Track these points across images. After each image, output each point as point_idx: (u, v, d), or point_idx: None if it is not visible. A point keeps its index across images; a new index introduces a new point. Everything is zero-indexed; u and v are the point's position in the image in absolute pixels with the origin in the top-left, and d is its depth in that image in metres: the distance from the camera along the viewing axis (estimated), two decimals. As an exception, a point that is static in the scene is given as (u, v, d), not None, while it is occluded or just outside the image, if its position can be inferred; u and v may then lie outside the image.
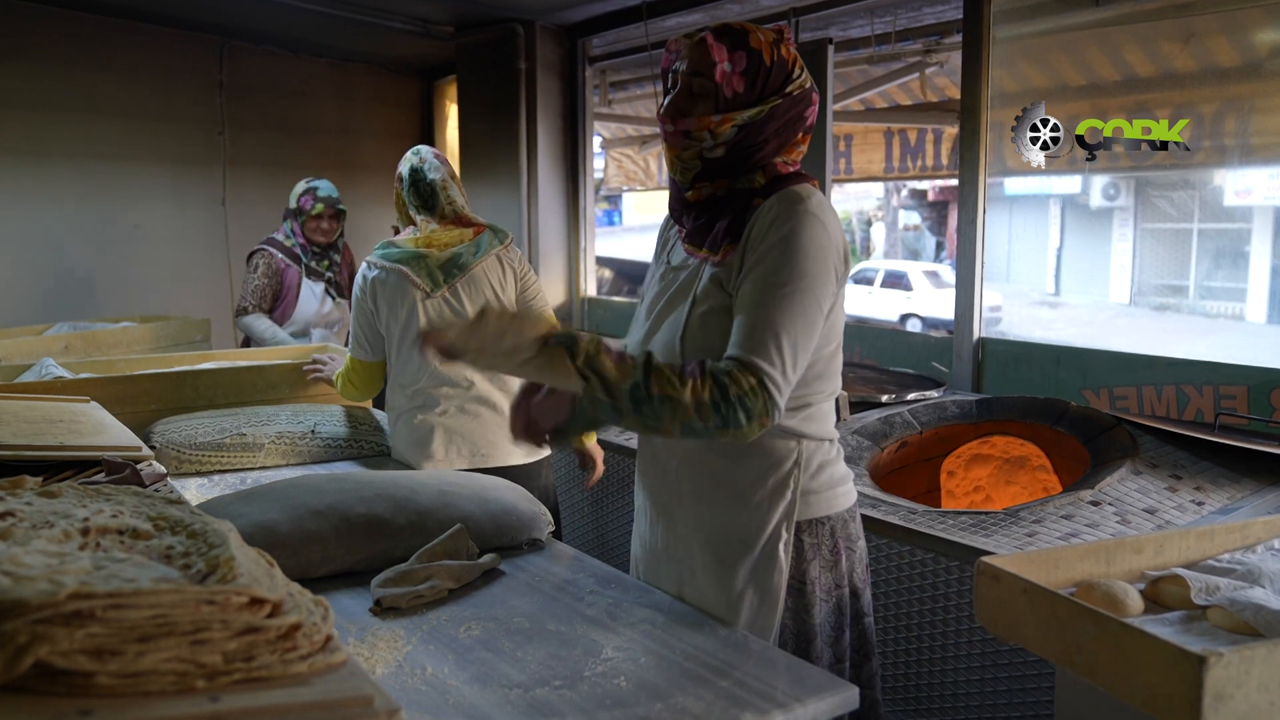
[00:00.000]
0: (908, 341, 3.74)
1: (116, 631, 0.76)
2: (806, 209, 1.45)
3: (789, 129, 1.53)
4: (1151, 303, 13.76)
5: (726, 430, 1.34)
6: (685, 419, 1.33)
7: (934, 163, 8.51)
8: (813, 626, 1.54)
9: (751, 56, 1.49)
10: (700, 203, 1.55)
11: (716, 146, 1.50)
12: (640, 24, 4.36)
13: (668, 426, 1.34)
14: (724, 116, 1.49)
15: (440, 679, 1.29)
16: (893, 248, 19.11)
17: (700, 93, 1.50)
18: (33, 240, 4.70)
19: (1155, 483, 2.15)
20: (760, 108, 1.50)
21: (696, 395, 1.32)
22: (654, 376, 1.33)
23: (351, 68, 5.70)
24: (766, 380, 1.35)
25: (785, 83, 1.52)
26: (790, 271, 1.41)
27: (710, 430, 1.34)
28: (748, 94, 1.50)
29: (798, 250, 1.42)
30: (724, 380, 1.34)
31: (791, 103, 1.52)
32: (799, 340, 1.39)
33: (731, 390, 1.33)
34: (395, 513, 1.73)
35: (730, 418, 1.33)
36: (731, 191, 1.52)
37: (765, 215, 1.46)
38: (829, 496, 1.56)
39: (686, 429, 1.34)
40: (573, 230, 5.02)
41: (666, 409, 1.32)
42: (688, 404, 1.32)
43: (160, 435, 2.43)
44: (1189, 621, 1.24)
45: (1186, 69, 3.01)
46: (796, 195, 1.47)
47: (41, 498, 1.07)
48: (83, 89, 4.78)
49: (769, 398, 1.35)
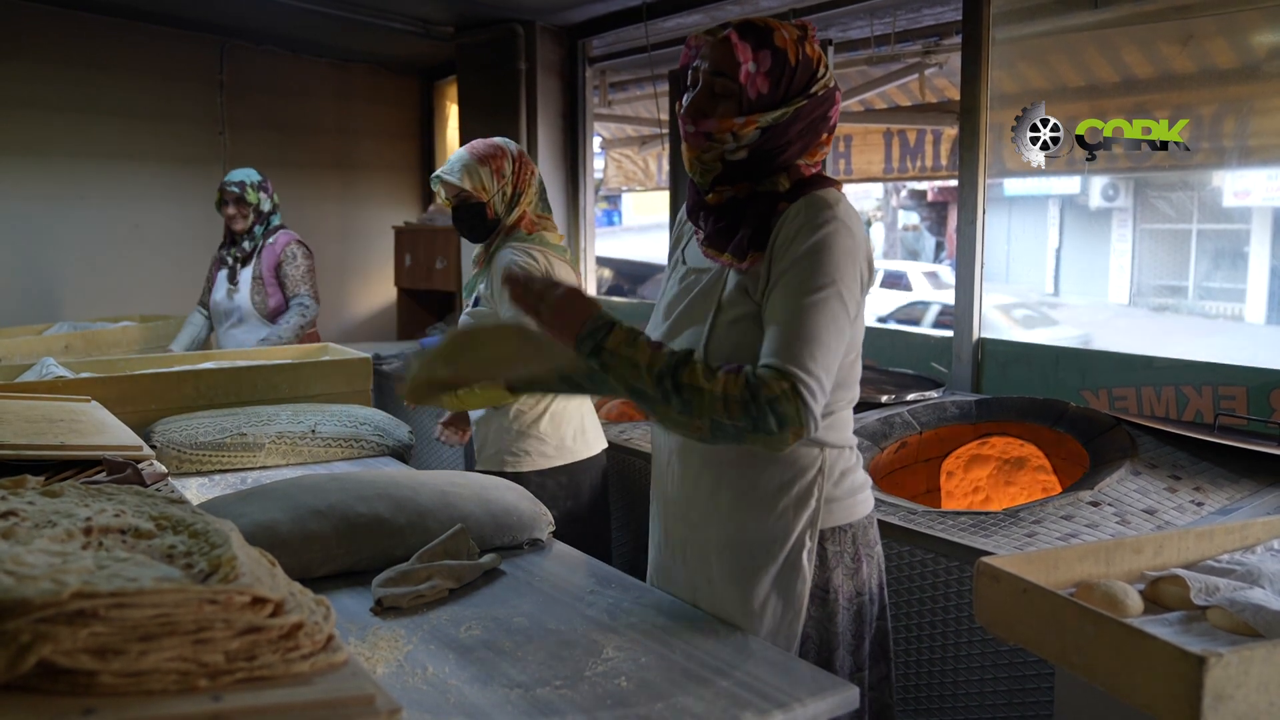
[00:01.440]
0: (906, 342, 3.74)
1: (119, 631, 0.76)
2: (835, 215, 1.42)
3: (813, 130, 1.49)
4: (1150, 303, 13.76)
5: (758, 435, 1.31)
6: (713, 414, 1.30)
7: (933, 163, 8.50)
8: (835, 635, 1.51)
9: (776, 56, 1.44)
10: (719, 205, 1.51)
11: (739, 149, 1.46)
12: (640, 25, 4.36)
13: (698, 422, 1.32)
14: (748, 119, 1.44)
15: (441, 678, 1.30)
16: (892, 248, 19.10)
17: (723, 93, 1.46)
18: (33, 240, 4.70)
19: (1154, 483, 2.15)
20: (785, 109, 1.45)
21: (725, 390, 1.30)
22: (685, 367, 1.32)
23: (351, 68, 5.70)
24: (801, 387, 1.31)
25: (810, 82, 1.47)
26: (821, 279, 1.37)
27: (740, 432, 1.31)
28: (772, 95, 1.45)
29: (828, 258, 1.38)
30: (755, 382, 1.31)
31: (816, 103, 1.47)
32: (832, 348, 1.36)
33: (762, 393, 1.29)
34: (396, 512, 1.74)
35: (760, 421, 1.29)
36: (754, 195, 1.48)
37: (792, 221, 1.42)
38: (850, 504, 1.54)
39: (716, 428, 1.31)
40: (573, 230, 5.02)
41: (694, 400, 1.30)
42: (717, 397, 1.30)
43: (161, 435, 2.44)
44: (1188, 622, 1.25)
45: (1185, 70, 3.02)
46: (824, 201, 1.43)
47: (44, 497, 1.07)
48: (83, 89, 4.78)
49: (802, 404, 1.30)
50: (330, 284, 5.31)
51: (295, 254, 3.82)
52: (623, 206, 20.01)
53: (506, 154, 2.58)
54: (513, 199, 2.58)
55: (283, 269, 3.79)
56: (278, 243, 3.82)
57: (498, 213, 2.58)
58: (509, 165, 2.57)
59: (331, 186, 5.70)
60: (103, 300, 4.64)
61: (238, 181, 3.79)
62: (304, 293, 3.81)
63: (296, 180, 5.38)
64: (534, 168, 2.63)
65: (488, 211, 2.57)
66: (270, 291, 3.79)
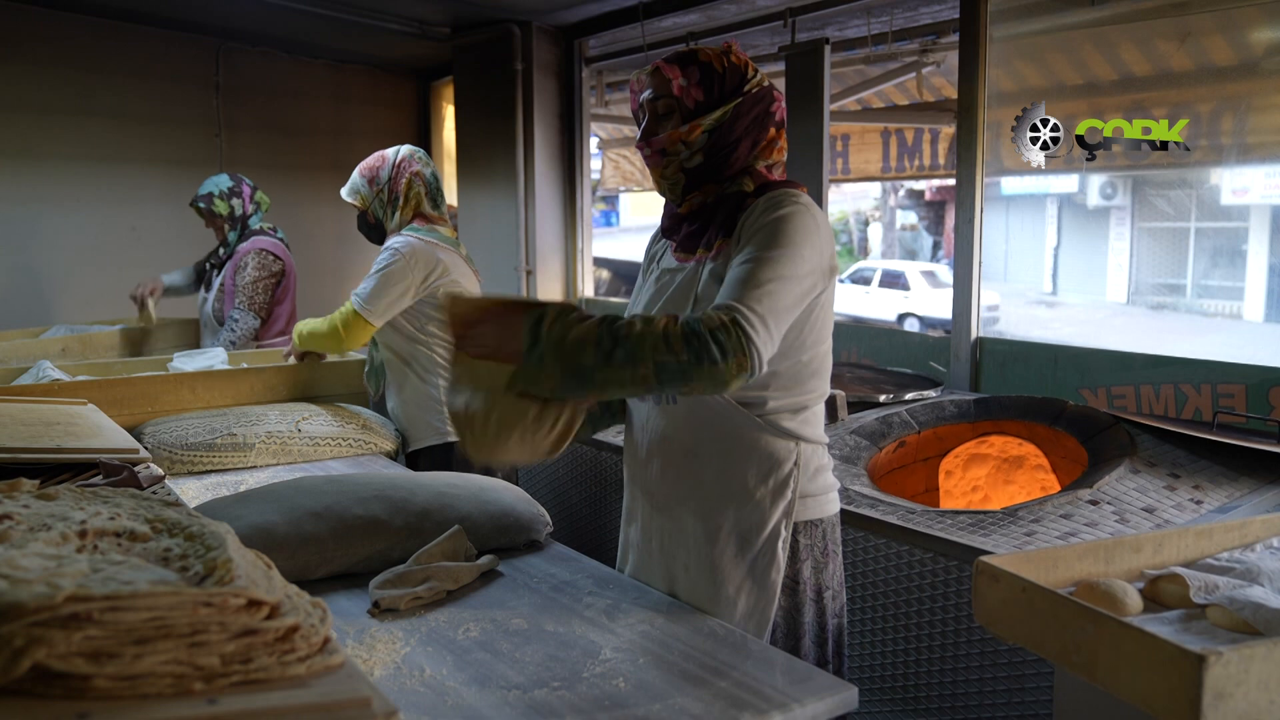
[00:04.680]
0: (905, 341, 3.74)
1: (114, 634, 0.76)
2: (797, 200, 1.52)
3: (758, 125, 1.60)
4: (1149, 302, 13.78)
5: (702, 368, 1.31)
6: (656, 354, 1.31)
7: (931, 162, 8.52)
8: (801, 625, 1.58)
9: (703, 68, 1.58)
10: (691, 213, 1.62)
11: (693, 155, 1.58)
12: (637, 24, 4.36)
13: (642, 370, 1.31)
14: (691, 125, 1.57)
15: (439, 680, 1.29)
16: (890, 247, 19.13)
17: (665, 112, 1.60)
18: (29, 243, 4.69)
19: (1154, 481, 2.15)
20: (724, 109, 1.57)
21: (666, 328, 1.32)
22: (621, 322, 1.34)
23: (348, 69, 5.69)
24: (741, 319, 1.34)
25: (741, 83, 1.59)
26: (777, 243, 1.45)
27: (685, 368, 1.31)
28: (708, 100, 1.58)
29: (786, 228, 1.47)
30: (695, 318, 1.35)
31: (753, 100, 1.59)
32: (779, 297, 1.40)
33: (702, 325, 1.33)
34: (393, 514, 1.73)
35: (704, 352, 1.31)
36: (722, 197, 1.59)
37: (758, 208, 1.52)
38: (823, 500, 1.61)
39: (660, 369, 1.31)
40: (570, 231, 5.02)
41: (635, 346, 1.31)
42: (657, 335, 1.31)
43: (151, 436, 2.43)
44: (1188, 620, 1.24)
45: (1183, 68, 3.02)
46: (789, 193, 1.54)
47: (39, 500, 1.07)
48: (79, 91, 4.77)
49: (743, 334, 1.33)
50: (327, 286, 5.30)
51: (247, 263, 3.61)
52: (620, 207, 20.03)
53: (385, 162, 2.78)
54: (391, 203, 2.76)
55: (235, 277, 3.61)
56: (242, 249, 3.64)
57: (378, 218, 2.80)
58: (385, 172, 2.77)
59: (328, 188, 5.67)
60: (99, 303, 4.62)
61: (204, 195, 3.67)
62: (238, 304, 3.57)
63: (293, 182, 5.36)
64: (417, 170, 2.78)
65: (369, 218, 2.81)
66: (227, 300, 3.62)
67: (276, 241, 3.72)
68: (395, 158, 2.77)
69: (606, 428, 1.78)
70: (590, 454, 3.03)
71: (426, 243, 2.70)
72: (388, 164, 2.77)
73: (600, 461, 3.00)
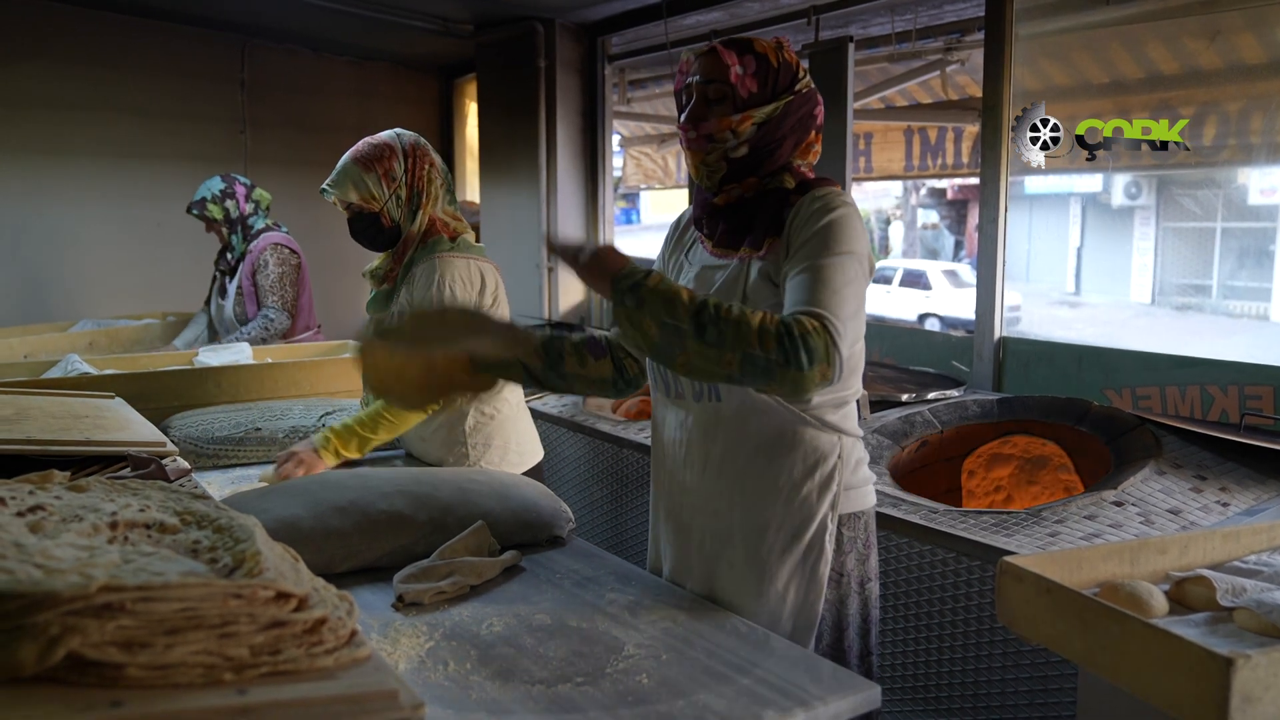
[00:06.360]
0: (927, 341, 3.72)
1: (146, 624, 0.77)
2: (845, 201, 1.53)
3: (802, 126, 1.60)
4: (1174, 302, 13.64)
5: (787, 370, 1.33)
6: (747, 346, 1.33)
7: (954, 161, 8.46)
8: (846, 617, 1.60)
9: (760, 59, 1.57)
10: (729, 206, 1.61)
11: (740, 145, 1.57)
12: (660, 22, 4.36)
13: (729, 355, 1.34)
14: (744, 115, 1.56)
15: (462, 674, 1.30)
16: (911, 246, 19.02)
17: (716, 98, 1.57)
18: (56, 239, 4.74)
19: (1179, 483, 2.13)
20: (776, 104, 1.57)
21: (763, 322, 1.34)
22: (723, 304, 1.37)
23: (371, 66, 5.72)
24: (829, 324, 1.36)
25: (793, 82, 1.60)
26: (840, 246, 1.47)
27: (770, 367, 1.33)
28: (762, 92, 1.57)
29: (845, 229, 1.48)
30: (789, 319, 1.36)
31: (802, 100, 1.60)
32: (851, 305, 1.43)
33: (795, 328, 1.34)
34: (416, 509, 1.74)
35: (793, 355, 1.33)
36: (762, 192, 1.59)
37: (807, 207, 1.52)
38: (864, 492, 1.63)
39: (746, 361, 1.34)
40: (592, 228, 5.02)
41: (730, 330, 1.34)
42: (753, 328, 1.33)
43: (178, 430, 2.45)
44: (1214, 623, 1.23)
45: (1212, 66, 2.98)
46: (834, 192, 1.55)
47: (70, 492, 1.08)
48: (104, 88, 4.81)
49: (831, 341, 1.35)
50: (349, 282, 5.32)
51: (267, 261, 3.60)
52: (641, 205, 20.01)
53: (395, 152, 2.28)
54: (412, 201, 2.29)
55: (255, 277, 3.61)
56: (255, 249, 3.63)
57: (394, 220, 2.30)
58: (400, 164, 2.27)
59: (351, 185, 5.72)
60: (126, 298, 4.67)
61: (197, 201, 3.67)
62: (271, 304, 3.59)
63: (317, 178, 5.32)
64: (433, 159, 2.32)
65: (383, 220, 2.30)
66: (249, 302, 3.62)
67: (286, 236, 3.72)
68: (405, 144, 2.29)
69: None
70: (612, 450, 3.04)
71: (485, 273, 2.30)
72: (399, 154, 2.27)
73: (622, 458, 3.01)
